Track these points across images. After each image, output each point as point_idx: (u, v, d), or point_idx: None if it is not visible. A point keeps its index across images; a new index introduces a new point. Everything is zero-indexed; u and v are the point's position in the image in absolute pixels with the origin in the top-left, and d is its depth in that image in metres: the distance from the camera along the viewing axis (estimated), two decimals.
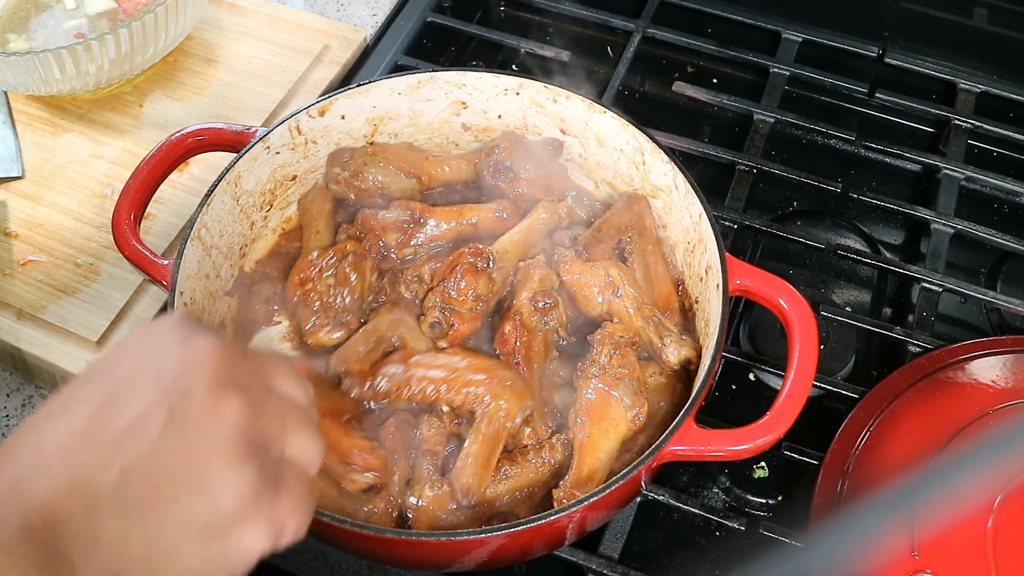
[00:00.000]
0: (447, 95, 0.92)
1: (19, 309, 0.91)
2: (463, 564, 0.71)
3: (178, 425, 0.48)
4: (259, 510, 0.49)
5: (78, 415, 0.49)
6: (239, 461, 0.49)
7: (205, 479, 0.48)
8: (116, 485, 0.46)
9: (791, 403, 0.70)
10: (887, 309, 0.99)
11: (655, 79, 1.17)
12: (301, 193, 0.92)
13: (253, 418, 0.50)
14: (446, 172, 0.92)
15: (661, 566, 0.81)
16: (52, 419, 0.49)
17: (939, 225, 0.98)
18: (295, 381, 0.55)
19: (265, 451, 0.50)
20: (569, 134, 0.92)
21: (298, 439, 0.53)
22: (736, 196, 1.00)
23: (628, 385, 0.75)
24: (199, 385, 0.49)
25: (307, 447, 0.53)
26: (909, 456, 0.77)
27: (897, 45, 1.14)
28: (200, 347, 0.51)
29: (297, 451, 0.53)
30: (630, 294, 0.80)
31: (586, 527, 0.74)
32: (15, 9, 1.07)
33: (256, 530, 0.49)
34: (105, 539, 0.46)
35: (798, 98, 1.13)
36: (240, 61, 1.11)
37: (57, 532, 0.45)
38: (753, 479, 0.85)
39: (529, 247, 0.86)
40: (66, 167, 1.02)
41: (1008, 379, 0.82)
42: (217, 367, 0.50)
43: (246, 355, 0.53)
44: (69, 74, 0.96)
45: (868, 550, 0.52)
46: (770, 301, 0.76)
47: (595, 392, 0.76)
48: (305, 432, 0.53)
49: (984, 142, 1.09)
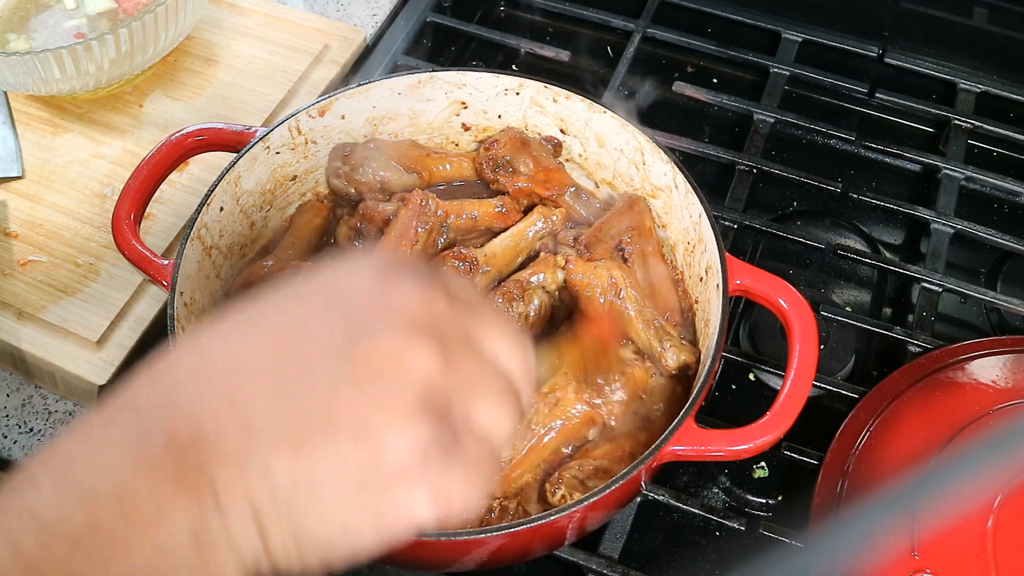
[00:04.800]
0: (447, 95, 0.92)
1: (19, 309, 0.91)
2: (463, 564, 0.71)
3: (355, 365, 0.44)
4: (425, 474, 0.44)
5: (248, 339, 0.45)
6: (412, 415, 0.44)
7: (370, 426, 0.43)
8: (274, 414, 0.43)
9: (791, 403, 0.70)
10: (887, 309, 0.99)
11: (655, 79, 1.16)
12: (301, 193, 0.92)
13: (441, 373, 0.45)
14: (447, 170, 0.92)
15: (661, 566, 0.81)
16: (221, 340, 0.45)
17: (939, 225, 0.98)
18: (515, 347, 0.49)
19: (447, 412, 0.45)
20: (569, 134, 0.92)
21: (489, 407, 0.47)
22: (736, 196, 1.00)
23: None
24: (390, 327, 0.45)
25: (498, 418, 0.47)
26: (909, 456, 0.77)
27: (897, 45, 1.14)
28: (405, 292, 0.46)
29: (485, 420, 0.47)
30: (632, 296, 0.80)
31: (586, 527, 0.74)
32: (15, 9, 1.07)
33: (418, 495, 0.44)
34: (252, 467, 0.42)
35: (798, 98, 1.13)
36: (240, 61, 1.11)
37: (203, 451, 0.41)
38: (753, 479, 0.85)
39: (519, 252, 0.86)
40: (66, 167, 1.02)
41: (1008, 379, 0.82)
42: (417, 313, 0.45)
43: (463, 307, 0.48)
44: (69, 74, 0.96)
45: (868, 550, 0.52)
46: (770, 301, 0.76)
47: None
48: (501, 402, 0.48)
49: (984, 142, 1.09)
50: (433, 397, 0.45)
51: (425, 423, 0.44)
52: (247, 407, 0.43)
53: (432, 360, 0.45)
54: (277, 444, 0.42)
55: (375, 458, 0.43)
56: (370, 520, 0.44)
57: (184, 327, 0.75)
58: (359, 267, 0.48)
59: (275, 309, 0.47)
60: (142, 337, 0.90)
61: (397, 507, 0.44)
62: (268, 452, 0.42)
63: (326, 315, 0.45)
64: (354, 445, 0.43)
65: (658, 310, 0.82)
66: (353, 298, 0.46)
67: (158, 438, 0.41)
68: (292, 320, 0.46)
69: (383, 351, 0.44)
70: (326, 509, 0.43)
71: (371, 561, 0.79)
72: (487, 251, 0.84)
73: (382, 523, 0.44)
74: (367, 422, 0.43)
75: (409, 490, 0.44)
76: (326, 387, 0.44)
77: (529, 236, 0.86)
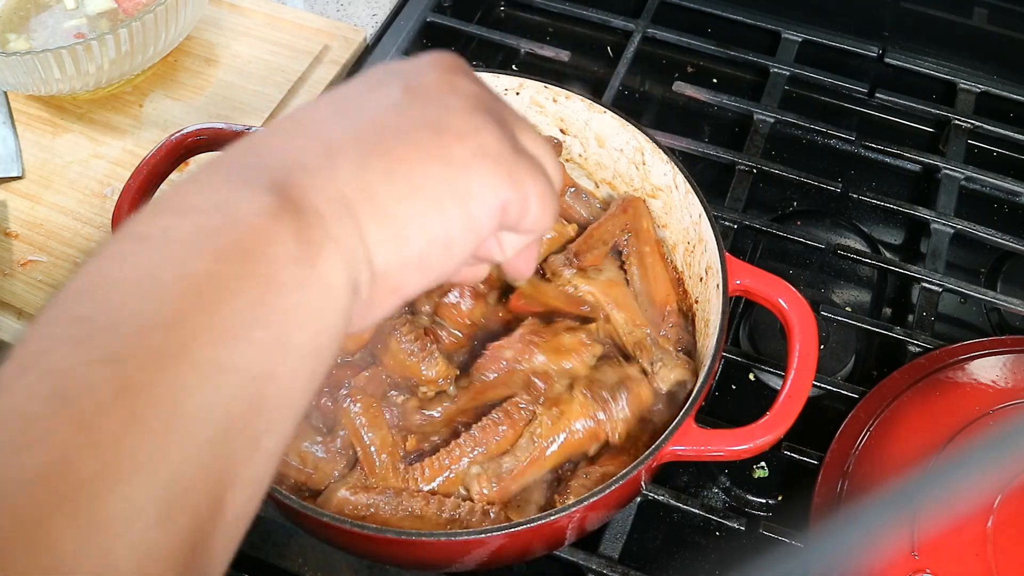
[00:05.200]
0: None
1: (19, 309, 0.91)
2: (463, 564, 0.71)
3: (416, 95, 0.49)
4: (501, 158, 0.48)
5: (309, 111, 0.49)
6: (477, 112, 0.49)
7: (442, 120, 0.48)
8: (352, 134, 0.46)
9: (791, 403, 0.70)
10: (887, 309, 0.99)
11: (655, 79, 1.16)
12: None
13: (487, 95, 0.51)
14: None
15: (661, 566, 0.81)
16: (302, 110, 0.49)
17: (939, 225, 0.98)
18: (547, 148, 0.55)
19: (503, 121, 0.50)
20: (569, 134, 0.92)
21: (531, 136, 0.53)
22: (736, 196, 1.00)
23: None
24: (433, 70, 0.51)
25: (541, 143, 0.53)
26: (909, 456, 0.77)
27: (897, 45, 1.14)
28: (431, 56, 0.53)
29: (530, 144, 0.52)
30: (619, 319, 0.80)
31: (586, 527, 0.74)
32: (15, 9, 1.07)
33: (497, 174, 0.48)
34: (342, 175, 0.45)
35: (798, 98, 1.13)
36: (240, 61, 1.11)
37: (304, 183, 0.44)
38: (753, 479, 0.85)
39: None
40: (66, 167, 1.02)
41: (1008, 379, 0.82)
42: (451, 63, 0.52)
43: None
44: (69, 74, 0.96)
45: (868, 550, 0.53)
46: (770, 301, 0.76)
47: None
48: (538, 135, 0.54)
49: (984, 142, 1.09)
50: (488, 106, 0.50)
51: (489, 117, 0.49)
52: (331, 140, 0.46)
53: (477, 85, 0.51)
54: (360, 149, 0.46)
55: (453, 143, 0.47)
56: (456, 196, 0.47)
57: None
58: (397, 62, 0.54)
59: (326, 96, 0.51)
60: None
61: (480, 182, 0.48)
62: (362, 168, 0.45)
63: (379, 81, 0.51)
64: (432, 136, 0.47)
65: (657, 312, 0.82)
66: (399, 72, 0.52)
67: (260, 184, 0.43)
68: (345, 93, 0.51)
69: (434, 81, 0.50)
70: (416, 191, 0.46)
71: (371, 562, 0.79)
72: None
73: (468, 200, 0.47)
74: (439, 119, 0.48)
75: (487, 166, 0.48)
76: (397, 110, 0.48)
77: (542, 250, 0.86)
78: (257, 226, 0.41)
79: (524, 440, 0.75)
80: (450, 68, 0.52)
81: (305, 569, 0.79)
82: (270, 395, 0.40)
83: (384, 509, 0.72)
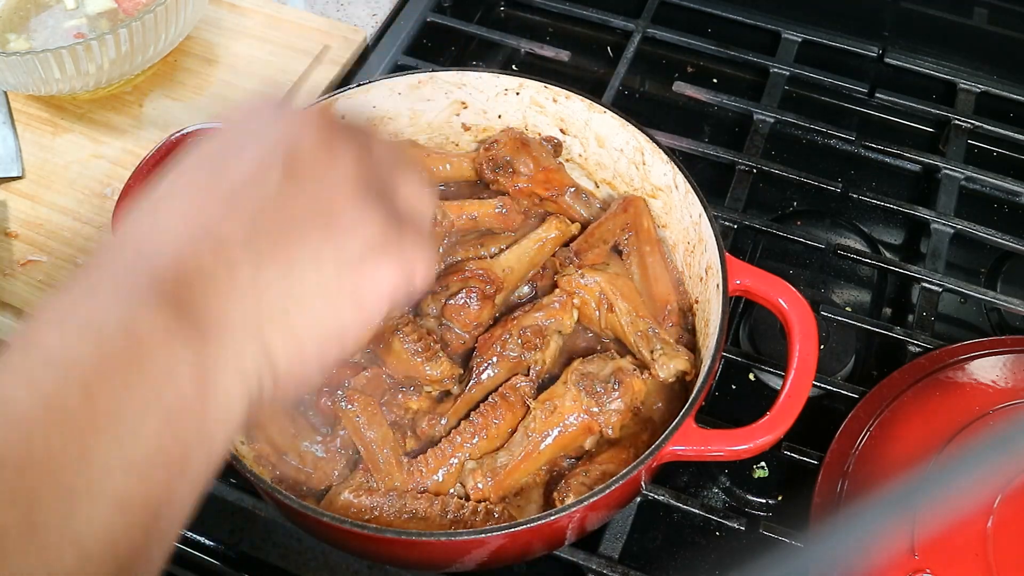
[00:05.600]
0: (447, 95, 0.92)
1: (19, 309, 0.91)
2: (463, 564, 0.71)
3: (294, 175, 0.48)
4: (388, 247, 0.49)
5: (188, 189, 0.48)
6: (363, 199, 0.49)
7: (332, 217, 0.48)
8: (243, 233, 0.46)
9: (791, 403, 0.70)
10: (887, 309, 0.99)
11: (655, 79, 1.16)
12: None
13: (367, 163, 0.50)
14: (447, 170, 0.92)
15: (661, 566, 0.81)
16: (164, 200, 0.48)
17: (939, 225, 0.98)
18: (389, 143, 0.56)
19: (383, 194, 0.51)
20: (569, 134, 0.92)
21: (410, 185, 0.53)
22: (736, 196, 1.00)
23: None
24: (307, 139, 0.49)
25: (419, 192, 0.54)
26: (909, 456, 0.77)
27: (897, 45, 1.14)
28: (298, 113, 0.51)
29: (411, 195, 0.53)
30: (624, 309, 0.80)
31: (586, 527, 0.74)
32: (15, 9, 1.07)
33: (387, 266, 0.49)
34: (240, 284, 0.45)
35: (798, 98, 1.13)
36: (240, 61, 1.11)
37: (192, 284, 0.44)
38: (753, 479, 0.85)
39: (534, 265, 0.86)
40: (66, 167, 1.02)
41: (1008, 379, 0.82)
42: (320, 124, 0.50)
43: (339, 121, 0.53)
44: (69, 74, 0.96)
45: (868, 550, 0.53)
46: (770, 301, 0.76)
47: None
48: (414, 178, 0.54)
49: (984, 142, 1.09)
50: (369, 182, 0.50)
51: (373, 202, 0.49)
52: (214, 235, 0.46)
53: (355, 152, 0.50)
54: (256, 256, 0.46)
55: (343, 241, 0.48)
56: (351, 297, 0.49)
57: None
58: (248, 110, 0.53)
59: (194, 165, 0.50)
60: None
61: (373, 279, 0.49)
62: (251, 264, 0.46)
63: (244, 147, 0.49)
64: (322, 236, 0.48)
65: (657, 311, 0.82)
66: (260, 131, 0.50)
67: (148, 287, 0.43)
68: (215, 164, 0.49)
69: (311, 157, 0.49)
70: (312, 296, 0.47)
71: (371, 562, 0.79)
72: (504, 265, 0.84)
73: (362, 299, 0.49)
74: (327, 213, 0.48)
75: (379, 263, 0.49)
76: (278, 198, 0.47)
77: (547, 249, 0.86)
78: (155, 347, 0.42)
79: (519, 435, 0.75)
80: (323, 128, 0.51)
81: (305, 569, 0.79)
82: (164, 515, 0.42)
83: (387, 511, 0.72)
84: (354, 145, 0.51)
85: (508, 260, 0.84)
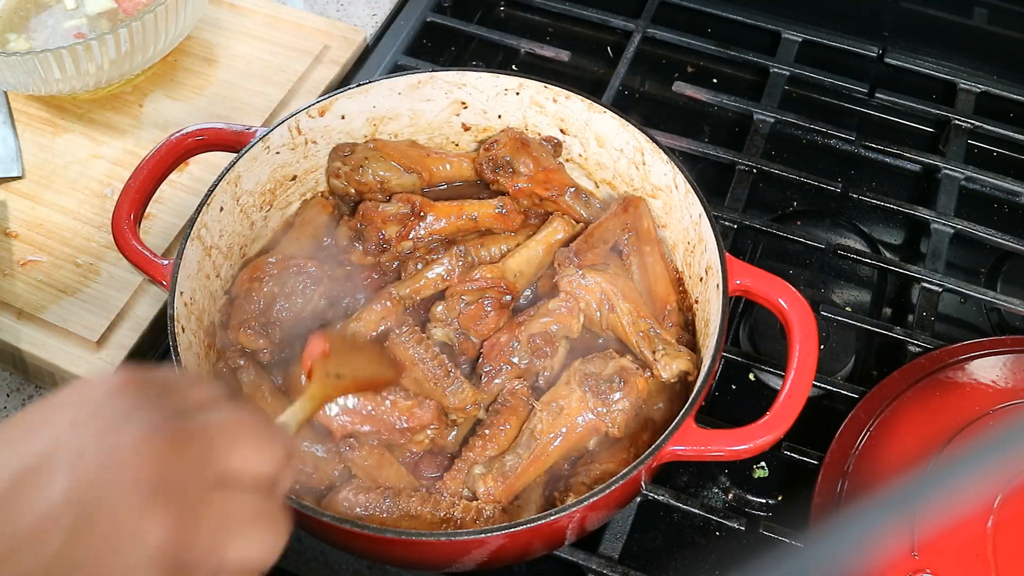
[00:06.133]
0: (447, 95, 0.92)
1: (19, 309, 0.91)
2: (463, 564, 0.71)
3: (86, 537, 0.42)
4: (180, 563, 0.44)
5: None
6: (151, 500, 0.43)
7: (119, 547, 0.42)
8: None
9: (791, 403, 0.70)
10: (887, 309, 0.99)
11: (655, 79, 1.16)
12: (301, 193, 0.92)
13: (184, 533, 0.44)
14: (447, 170, 0.92)
15: (661, 566, 0.81)
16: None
17: (939, 225, 0.98)
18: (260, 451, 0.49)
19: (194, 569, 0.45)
20: (569, 134, 0.92)
21: (244, 540, 0.47)
22: (736, 196, 1.00)
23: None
24: (121, 489, 0.43)
25: (255, 546, 0.47)
26: (909, 456, 0.77)
27: (897, 45, 1.14)
28: (136, 433, 0.44)
29: (242, 553, 0.47)
30: (625, 309, 0.80)
31: (586, 527, 0.74)
32: (15, 9, 1.07)
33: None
34: None
35: (798, 98, 1.13)
36: (240, 61, 1.11)
37: None
38: (753, 479, 0.85)
39: (542, 267, 0.86)
40: (66, 167, 1.02)
41: (1008, 379, 0.82)
42: (149, 465, 0.44)
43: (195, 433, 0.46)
44: (69, 74, 0.96)
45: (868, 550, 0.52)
46: (770, 301, 0.76)
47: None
48: (255, 528, 0.47)
49: (984, 142, 1.09)
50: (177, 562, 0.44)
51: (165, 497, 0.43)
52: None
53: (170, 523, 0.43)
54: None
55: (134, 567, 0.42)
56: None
57: (184, 327, 0.75)
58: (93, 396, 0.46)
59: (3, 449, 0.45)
60: (142, 337, 0.90)
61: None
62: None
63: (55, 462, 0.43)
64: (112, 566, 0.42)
65: (657, 311, 0.82)
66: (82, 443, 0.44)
67: None
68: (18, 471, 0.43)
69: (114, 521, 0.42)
70: None
71: (371, 562, 0.79)
72: (514, 270, 0.84)
73: None
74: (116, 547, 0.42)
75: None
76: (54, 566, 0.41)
77: (553, 251, 0.86)
78: None
79: (524, 436, 0.75)
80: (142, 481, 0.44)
81: (305, 569, 0.79)
82: None
83: (380, 510, 0.72)
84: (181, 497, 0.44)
85: (518, 264, 0.84)
